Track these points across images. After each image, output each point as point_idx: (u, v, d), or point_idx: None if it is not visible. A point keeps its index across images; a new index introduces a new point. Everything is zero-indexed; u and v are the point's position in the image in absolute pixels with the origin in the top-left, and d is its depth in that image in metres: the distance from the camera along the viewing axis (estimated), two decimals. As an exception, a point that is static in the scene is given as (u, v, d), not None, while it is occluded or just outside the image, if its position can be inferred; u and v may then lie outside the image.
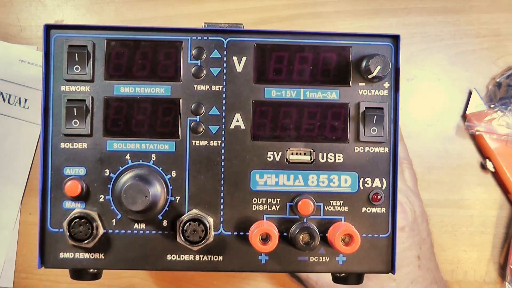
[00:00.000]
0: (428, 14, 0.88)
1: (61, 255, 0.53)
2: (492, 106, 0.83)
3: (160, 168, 0.53)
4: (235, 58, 0.54)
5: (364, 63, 0.53)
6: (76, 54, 0.53)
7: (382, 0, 0.88)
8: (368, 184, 0.54)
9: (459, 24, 0.87)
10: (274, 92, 0.54)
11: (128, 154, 0.53)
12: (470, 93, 0.85)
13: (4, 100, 0.88)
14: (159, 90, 0.53)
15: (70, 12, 0.87)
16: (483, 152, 0.84)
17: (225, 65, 0.54)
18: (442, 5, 0.88)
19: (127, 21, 0.88)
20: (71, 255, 0.53)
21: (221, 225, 0.54)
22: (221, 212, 0.54)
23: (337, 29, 0.88)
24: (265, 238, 0.51)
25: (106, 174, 0.53)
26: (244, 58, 0.54)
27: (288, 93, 0.54)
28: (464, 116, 0.85)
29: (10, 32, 0.87)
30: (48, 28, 0.53)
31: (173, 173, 0.53)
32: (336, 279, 0.56)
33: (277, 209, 0.54)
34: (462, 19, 0.87)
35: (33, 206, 0.87)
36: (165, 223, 0.53)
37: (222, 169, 0.54)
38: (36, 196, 0.86)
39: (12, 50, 0.88)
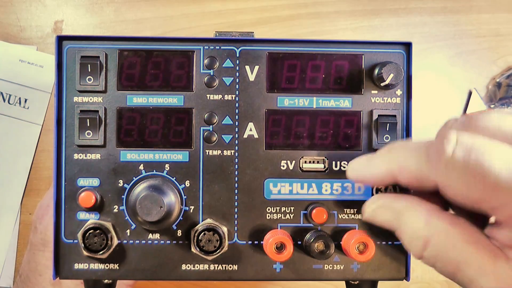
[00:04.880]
0: (428, 14, 0.88)
1: (76, 266, 0.53)
2: (492, 106, 0.84)
3: (174, 178, 0.53)
4: (247, 67, 0.54)
5: (376, 71, 0.53)
6: (89, 65, 0.52)
7: (382, 0, 0.89)
8: (381, 191, 0.54)
9: (459, 24, 0.88)
10: (287, 101, 0.54)
11: (142, 165, 0.53)
12: (470, 93, 0.86)
13: (4, 100, 0.88)
14: (172, 100, 0.53)
15: (70, 12, 0.87)
16: (484, 152, 0.85)
17: (237, 74, 0.54)
18: (442, 5, 0.88)
19: (127, 21, 0.87)
20: (86, 266, 0.53)
21: (236, 234, 0.54)
22: (235, 221, 0.54)
23: (337, 29, 0.89)
24: (280, 247, 0.51)
25: (120, 184, 0.53)
26: (256, 67, 0.54)
27: (301, 101, 0.54)
28: (464, 116, 0.85)
29: (10, 32, 0.87)
30: (60, 39, 0.53)
31: (187, 183, 0.53)
32: (350, 286, 0.56)
33: (291, 217, 0.54)
34: (462, 19, 0.88)
35: (33, 206, 0.87)
36: (179, 232, 0.53)
37: (236, 179, 0.54)
38: (36, 196, 0.87)
39: (12, 50, 0.87)
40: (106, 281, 0.55)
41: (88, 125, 0.52)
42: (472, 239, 0.42)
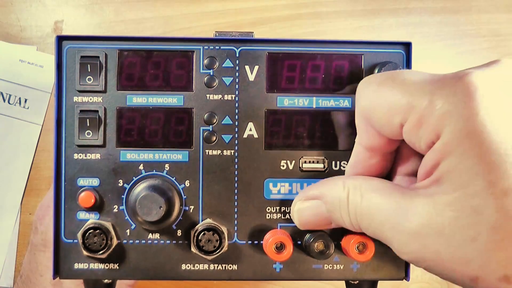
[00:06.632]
0: (428, 14, 0.88)
1: (76, 265, 0.53)
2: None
3: (174, 178, 0.53)
4: (247, 67, 0.54)
5: (376, 71, 0.53)
6: (89, 65, 0.52)
7: (382, 0, 0.89)
8: None
9: (459, 24, 0.88)
10: (286, 101, 0.54)
11: (142, 164, 0.53)
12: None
13: (4, 100, 0.88)
14: (171, 100, 0.53)
15: (70, 12, 0.87)
16: (484, 152, 0.85)
17: (237, 74, 0.54)
18: (442, 5, 0.88)
19: (127, 21, 0.87)
20: (86, 266, 0.53)
21: (235, 234, 0.54)
22: (235, 221, 0.54)
23: (337, 29, 0.89)
24: (280, 247, 0.51)
25: (119, 184, 0.53)
26: (256, 67, 0.54)
27: (301, 101, 0.54)
28: (464, 116, 0.85)
29: (10, 32, 0.87)
30: (60, 39, 0.53)
31: (187, 183, 0.53)
32: (350, 286, 0.56)
33: (291, 217, 0.54)
34: (462, 19, 0.88)
35: (33, 206, 0.87)
36: (179, 232, 0.53)
37: (236, 178, 0.54)
38: (36, 196, 0.87)
39: (12, 50, 0.87)
40: (106, 281, 0.55)
41: (88, 125, 0.52)
42: (383, 187, 0.45)
